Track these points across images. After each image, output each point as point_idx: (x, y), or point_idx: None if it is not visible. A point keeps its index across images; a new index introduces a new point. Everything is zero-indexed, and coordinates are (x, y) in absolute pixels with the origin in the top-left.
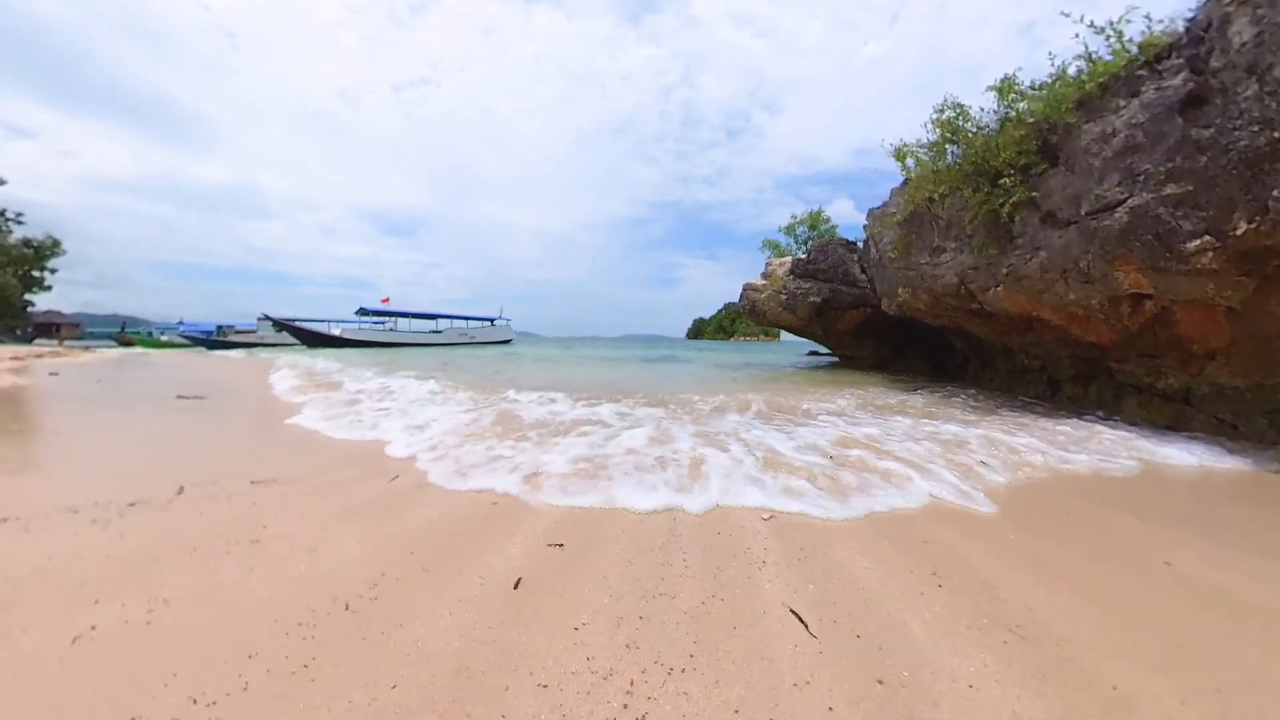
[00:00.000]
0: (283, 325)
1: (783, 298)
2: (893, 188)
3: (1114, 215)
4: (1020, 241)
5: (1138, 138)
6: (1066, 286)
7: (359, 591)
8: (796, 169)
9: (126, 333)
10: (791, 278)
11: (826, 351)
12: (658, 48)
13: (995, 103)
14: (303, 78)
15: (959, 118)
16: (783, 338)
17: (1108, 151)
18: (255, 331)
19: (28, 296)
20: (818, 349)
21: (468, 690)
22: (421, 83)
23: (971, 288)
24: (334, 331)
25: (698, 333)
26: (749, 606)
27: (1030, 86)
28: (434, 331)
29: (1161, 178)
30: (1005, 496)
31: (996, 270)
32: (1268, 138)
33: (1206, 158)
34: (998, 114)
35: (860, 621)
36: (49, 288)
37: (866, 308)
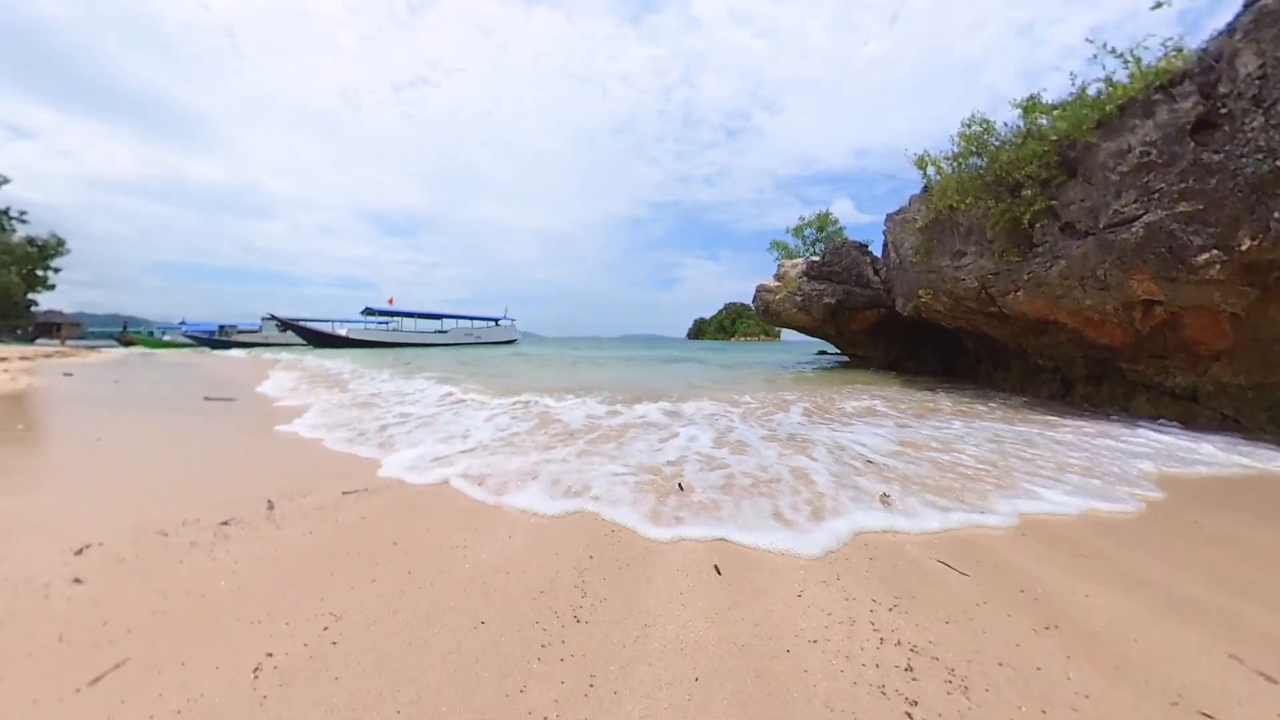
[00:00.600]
0: (289, 325)
1: (798, 299)
2: (913, 195)
3: (1130, 229)
4: (1041, 250)
5: (1151, 155)
6: (1084, 292)
7: (573, 602)
8: (796, 169)
9: (128, 332)
10: (806, 279)
11: (835, 351)
12: (658, 48)
13: (1020, 119)
14: (303, 78)
15: (985, 133)
16: (784, 338)
17: (1124, 167)
18: (259, 331)
19: (31, 296)
20: (825, 348)
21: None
22: (421, 83)
23: (992, 291)
24: (340, 332)
25: (698, 333)
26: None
27: (1053, 106)
28: (439, 332)
29: (1174, 196)
30: (1148, 501)
31: (1017, 276)
32: (1271, 165)
33: (1215, 180)
34: (1020, 129)
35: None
36: (52, 287)
37: (880, 309)
